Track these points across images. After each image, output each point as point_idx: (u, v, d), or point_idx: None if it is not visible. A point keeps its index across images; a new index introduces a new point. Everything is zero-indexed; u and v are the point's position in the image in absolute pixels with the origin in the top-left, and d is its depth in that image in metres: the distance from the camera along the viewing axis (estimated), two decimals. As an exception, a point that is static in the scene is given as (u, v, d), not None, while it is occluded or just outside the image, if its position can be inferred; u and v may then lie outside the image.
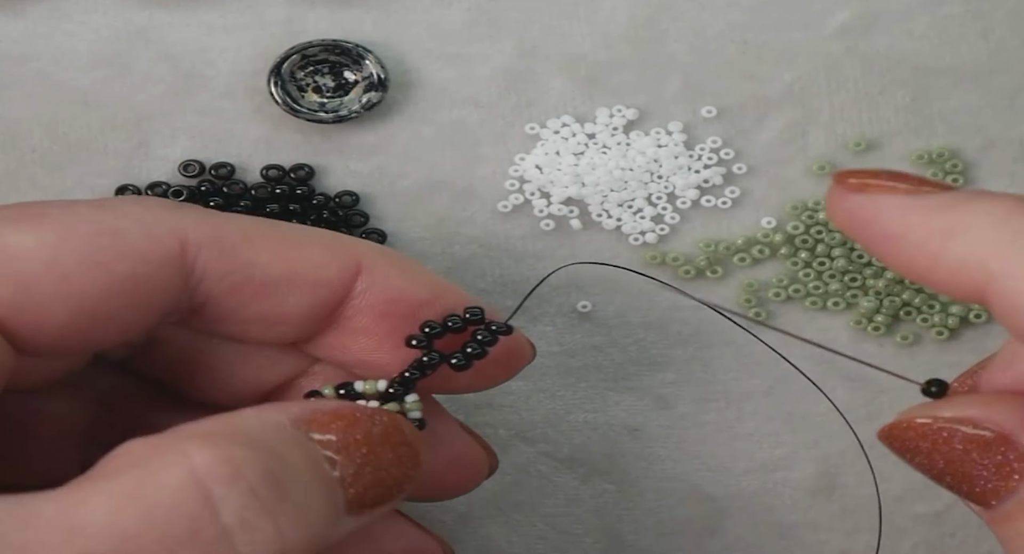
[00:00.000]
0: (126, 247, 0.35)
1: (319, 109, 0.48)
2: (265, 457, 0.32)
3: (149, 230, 0.36)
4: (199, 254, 0.36)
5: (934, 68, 0.49)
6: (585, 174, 0.49)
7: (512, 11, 0.49)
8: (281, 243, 0.37)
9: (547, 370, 0.48)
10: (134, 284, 0.35)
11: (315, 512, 0.32)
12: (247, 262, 0.37)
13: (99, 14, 0.49)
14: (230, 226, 0.37)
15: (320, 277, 0.37)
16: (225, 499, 0.31)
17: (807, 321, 0.49)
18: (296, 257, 0.37)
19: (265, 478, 0.31)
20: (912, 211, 0.35)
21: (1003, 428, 0.34)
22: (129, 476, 0.31)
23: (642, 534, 0.48)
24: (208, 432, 0.32)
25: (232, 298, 0.37)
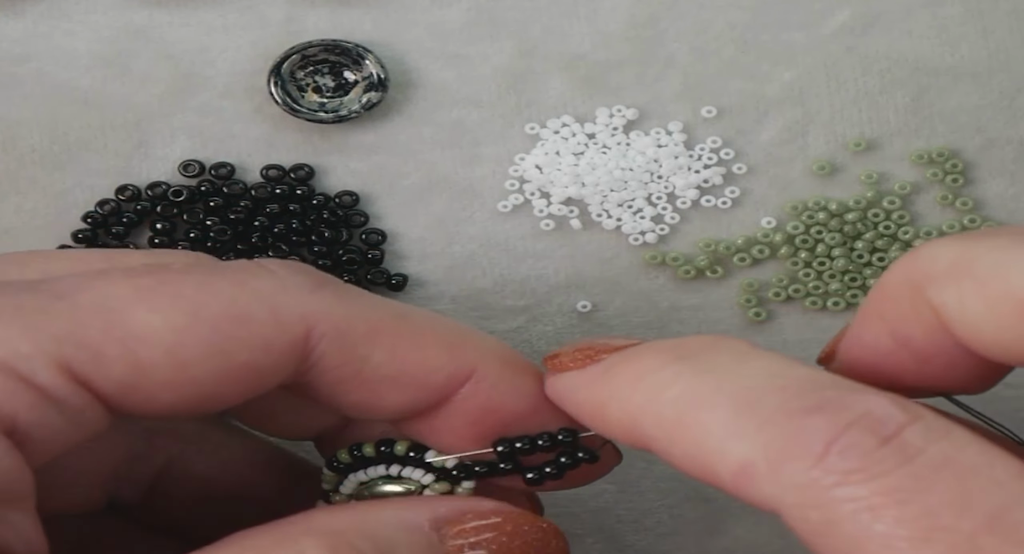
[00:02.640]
0: (251, 335, 0.34)
1: (319, 109, 0.48)
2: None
3: (278, 316, 0.35)
4: (320, 342, 0.35)
5: (934, 68, 0.49)
6: (585, 174, 0.49)
7: (512, 11, 0.49)
8: (401, 342, 0.36)
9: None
10: (250, 372, 0.34)
11: None
12: (361, 357, 0.36)
13: (99, 14, 0.49)
14: (360, 317, 0.36)
15: (429, 380, 0.36)
16: None
17: (807, 321, 0.49)
18: (411, 359, 0.36)
19: None
20: (579, 388, 0.36)
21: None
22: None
23: (642, 534, 0.48)
24: (330, 527, 0.33)
25: (335, 387, 0.36)
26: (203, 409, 0.35)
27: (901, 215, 0.49)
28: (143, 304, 0.33)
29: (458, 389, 0.37)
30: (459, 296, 0.49)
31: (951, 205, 0.49)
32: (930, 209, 0.49)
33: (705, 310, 0.49)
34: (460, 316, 0.48)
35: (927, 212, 0.49)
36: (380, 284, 0.48)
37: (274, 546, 0.32)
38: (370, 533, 0.33)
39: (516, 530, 0.35)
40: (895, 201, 0.49)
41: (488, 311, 0.48)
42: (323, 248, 0.48)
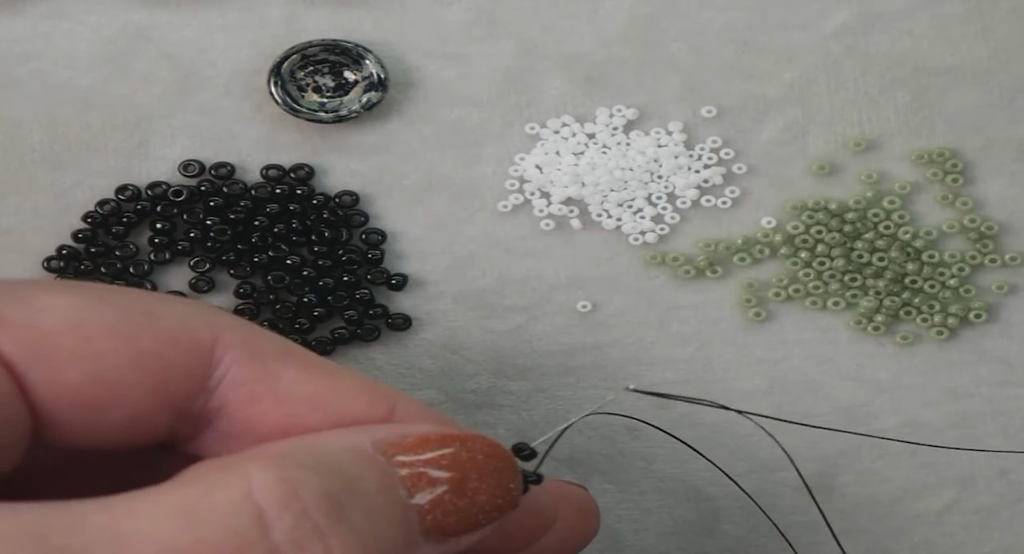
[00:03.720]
0: (158, 327, 0.35)
1: (319, 109, 0.48)
2: (327, 479, 0.31)
3: (185, 319, 0.35)
4: (227, 354, 0.35)
5: (934, 68, 0.49)
6: (585, 174, 0.49)
7: (512, 11, 0.49)
8: (314, 367, 0.36)
9: (547, 370, 0.48)
10: (156, 363, 0.34)
11: (378, 536, 0.32)
12: (273, 374, 0.35)
13: (99, 14, 0.49)
14: (266, 339, 0.36)
15: (348, 406, 0.36)
16: (277, 519, 0.31)
17: (807, 321, 0.49)
18: (327, 382, 0.36)
19: (321, 500, 0.31)
20: None
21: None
22: (185, 491, 0.31)
23: (642, 534, 0.48)
24: (276, 454, 0.32)
25: (249, 408, 0.36)
26: (117, 415, 0.34)
27: (901, 215, 0.49)
28: (44, 290, 0.34)
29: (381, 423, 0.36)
30: (459, 296, 0.49)
31: (951, 205, 0.49)
32: (930, 209, 0.49)
33: (705, 310, 0.49)
34: (460, 316, 0.48)
35: (927, 212, 0.49)
36: (380, 284, 0.48)
37: (220, 472, 0.31)
38: (316, 454, 0.32)
39: (462, 449, 0.34)
40: (895, 201, 0.49)
41: (488, 311, 0.49)
42: (323, 248, 0.48)
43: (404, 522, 0.33)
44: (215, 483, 0.31)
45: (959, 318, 0.49)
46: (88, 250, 0.48)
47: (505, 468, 0.35)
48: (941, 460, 0.49)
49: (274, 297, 0.48)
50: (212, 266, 0.48)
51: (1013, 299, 0.49)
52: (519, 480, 0.35)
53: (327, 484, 0.31)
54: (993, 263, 0.49)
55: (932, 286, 0.49)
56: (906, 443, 0.48)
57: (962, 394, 0.49)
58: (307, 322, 0.48)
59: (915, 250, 0.49)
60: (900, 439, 0.48)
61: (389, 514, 0.33)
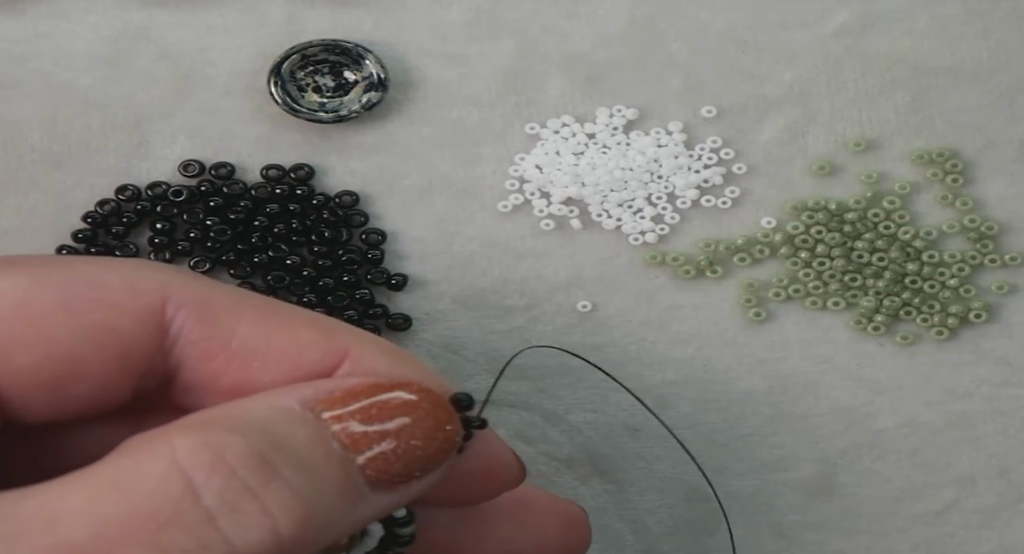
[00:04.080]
0: (104, 296, 0.34)
1: (319, 109, 0.48)
2: (253, 440, 0.32)
3: (132, 283, 0.35)
4: (178, 313, 0.35)
5: (934, 68, 0.49)
6: (585, 174, 0.49)
7: (512, 11, 0.49)
8: (267, 318, 0.36)
9: (547, 370, 0.48)
10: (108, 334, 0.34)
11: (317, 490, 0.32)
12: (225, 329, 0.35)
13: (99, 14, 0.49)
14: (217, 293, 0.36)
15: (301, 358, 0.36)
16: (205, 483, 0.31)
17: (807, 321, 0.49)
18: (280, 334, 0.36)
19: (249, 460, 0.31)
20: None
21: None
22: (113, 466, 0.31)
23: (642, 534, 0.48)
24: (200, 420, 0.32)
25: (205, 366, 0.36)
26: (78, 391, 0.34)
27: (901, 215, 0.49)
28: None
29: (334, 369, 0.36)
30: (459, 296, 0.49)
31: (951, 205, 0.49)
32: (930, 209, 0.49)
33: (705, 310, 0.49)
34: (460, 316, 0.48)
35: (927, 212, 0.49)
36: (380, 284, 0.48)
37: (146, 444, 0.31)
38: (242, 417, 0.32)
39: (392, 397, 0.34)
40: (895, 201, 0.49)
41: (488, 311, 0.48)
42: (323, 248, 0.48)
43: (343, 475, 0.33)
44: (143, 455, 0.31)
45: (959, 318, 0.49)
46: (88, 250, 0.48)
47: (439, 412, 0.34)
48: (941, 460, 0.49)
49: (274, 297, 0.48)
50: (212, 266, 0.48)
51: (1013, 299, 0.49)
52: (457, 423, 0.35)
53: (253, 444, 0.32)
54: (993, 263, 0.49)
55: (932, 286, 0.49)
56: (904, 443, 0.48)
57: (962, 394, 0.49)
58: (307, 322, 0.48)
59: (915, 250, 0.49)
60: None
61: (325, 468, 0.32)
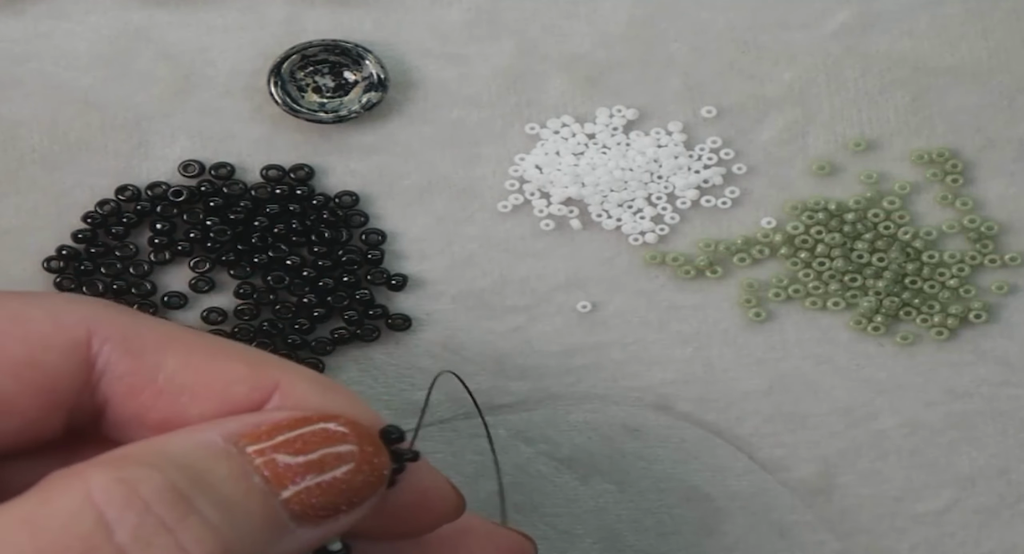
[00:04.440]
0: (28, 331, 0.34)
1: (319, 109, 0.48)
2: (170, 474, 0.31)
3: (56, 317, 0.35)
4: (104, 347, 0.35)
5: (934, 68, 0.49)
6: (585, 174, 0.49)
7: (512, 11, 0.49)
8: (195, 352, 0.36)
9: (547, 370, 0.48)
10: (32, 369, 0.34)
11: (234, 525, 0.32)
12: (152, 364, 0.35)
13: (99, 14, 0.49)
14: (145, 326, 0.36)
15: (229, 392, 0.35)
16: (119, 519, 0.31)
17: (807, 321, 0.49)
18: (207, 368, 0.35)
19: (164, 495, 0.31)
20: None
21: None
22: (26, 502, 0.31)
23: (642, 534, 0.48)
24: (118, 456, 0.32)
25: (132, 400, 0.35)
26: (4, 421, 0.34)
27: (901, 215, 0.49)
28: None
29: (262, 405, 0.36)
30: (459, 296, 0.49)
31: (951, 205, 0.49)
32: (930, 209, 0.49)
33: (705, 310, 0.49)
34: (460, 316, 0.48)
35: (927, 212, 0.49)
36: (380, 284, 0.48)
37: (62, 480, 0.31)
38: (161, 452, 0.32)
39: (318, 434, 0.34)
40: (895, 201, 0.49)
41: (488, 311, 0.48)
42: (323, 248, 0.48)
43: (264, 510, 0.32)
44: (57, 491, 0.31)
45: (959, 318, 0.49)
46: (88, 250, 0.48)
47: (366, 445, 0.34)
48: (941, 460, 0.49)
49: (274, 297, 0.48)
50: (212, 266, 0.48)
51: (1013, 299, 0.49)
52: (385, 456, 0.34)
53: (170, 479, 0.31)
54: (993, 263, 0.49)
55: (932, 286, 0.49)
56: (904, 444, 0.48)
57: (962, 394, 0.49)
58: (307, 322, 0.48)
59: (915, 250, 0.49)
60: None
61: (245, 503, 0.32)
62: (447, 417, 0.48)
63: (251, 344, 0.47)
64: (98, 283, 0.48)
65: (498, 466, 0.41)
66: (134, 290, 0.48)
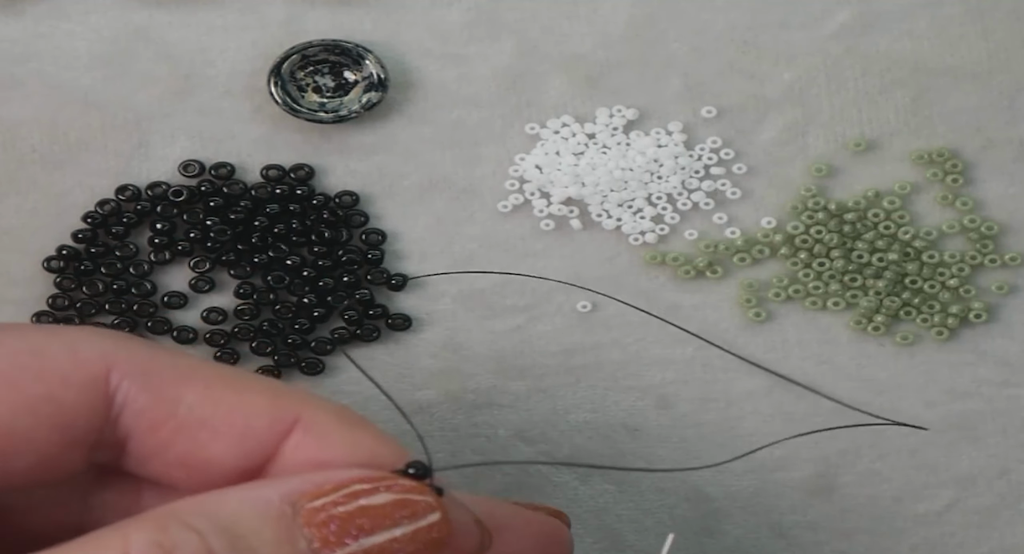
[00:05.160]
0: (47, 368, 0.34)
1: (319, 109, 0.48)
2: (212, 538, 0.31)
3: (75, 351, 0.34)
4: (123, 382, 0.34)
5: (934, 68, 0.49)
6: (585, 174, 0.49)
7: (512, 11, 0.49)
8: (215, 385, 0.35)
9: (547, 370, 0.48)
10: (49, 406, 0.34)
11: None
12: (172, 399, 0.35)
13: (99, 14, 0.49)
14: (163, 360, 0.35)
15: (249, 426, 0.35)
16: None
17: (807, 321, 0.49)
18: (227, 401, 0.35)
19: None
20: None
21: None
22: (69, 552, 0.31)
23: (642, 534, 0.48)
24: (163, 514, 0.32)
25: (153, 435, 0.35)
26: (22, 464, 0.34)
27: (901, 215, 0.49)
28: None
29: (285, 438, 0.35)
30: (459, 296, 0.49)
31: (951, 205, 0.49)
32: (930, 209, 0.49)
33: (705, 310, 0.49)
34: (460, 316, 0.48)
35: (927, 212, 0.49)
36: (380, 284, 0.48)
37: (104, 537, 0.31)
38: (208, 511, 0.32)
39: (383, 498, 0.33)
40: (895, 201, 0.49)
41: (488, 311, 0.48)
42: (323, 248, 0.48)
43: None
44: (98, 546, 0.31)
45: (959, 318, 0.49)
46: (88, 250, 0.48)
47: (424, 511, 0.33)
48: (941, 460, 0.49)
49: (274, 297, 0.48)
50: (212, 266, 0.48)
51: (1013, 299, 0.49)
52: (447, 520, 0.33)
53: (207, 544, 0.31)
54: (993, 263, 0.49)
55: (932, 286, 0.49)
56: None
57: (962, 394, 0.49)
58: (307, 322, 0.48)
59: (915, 250, 0.49)
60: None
61: None
62: (462, 463, 0.47)
63: (251, 344, 0.48)
64: (98, 283, 0.48)
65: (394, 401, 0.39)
66: (134, 290, 0.48)
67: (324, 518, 0.32)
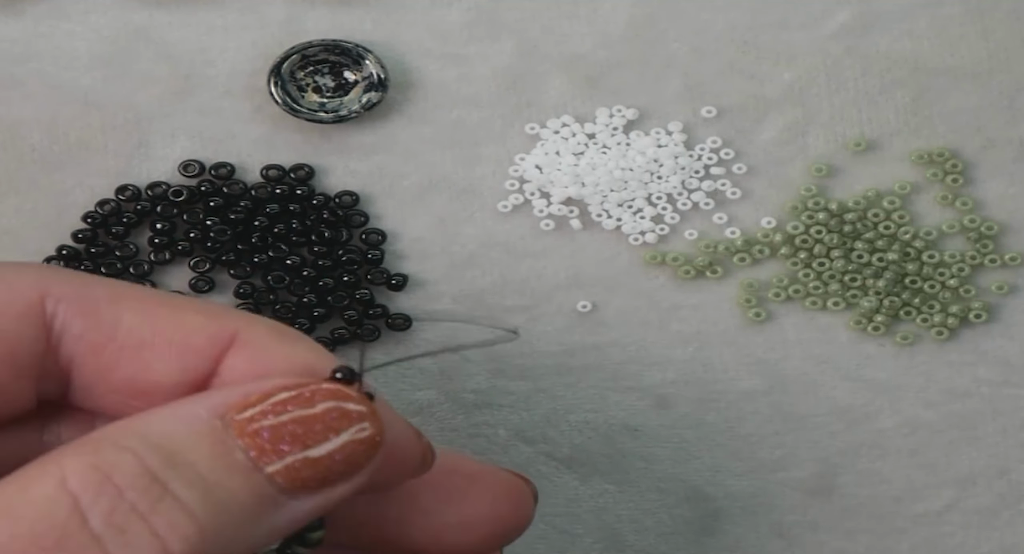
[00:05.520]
0: None
1: (319, 109, 0.48)
2: (145, 457, 0.31)
3: (6, 281, 0.34)
4: (58, 308, 0.35)
5: (934, 68, 0.49)
6: (585, 174, 0.49)
7: (512, 11, 0.49)
8: (151, 306, 0.35)
9: (547, 370, 0.48)
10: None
11: (215, 506, 0.31)
12: (110, 321, 0.35)
13: (99, 14, 0.49)
14: (97, 285, 0.35)
15: (189, 342, 0.35)
16: (93, 506, 0.30)
17: (807, 321, 0.49)
18: (164, 321, 0.35)
19: (137, 480, 0.31)
20: None
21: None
22: (5, 488, 0.31)
23: (642, 534, 0.48)
24: (95, 438, 0.32)
25: (94, 360, 0.35)
26: None
27: (901, 215, 0.49)
28: None
29: (224, 352, 0.35)
30: (459, 296, 0.49)
31: (951, 205, 0.49)
32: (930, 209, 0.49)
33: (705, 310, 0.49)
34: (460, 316, 0.48)
35: (927, 212, 0.49)
36: (380, 284, 0.48)
37: (38, 466, 0.31)
38: (140, 431, 0.31)
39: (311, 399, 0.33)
40: (895, 201, 0.49)
41: (488, 311, 0.48)
42: (323, 248, 0.48)
43: (248, 485, 0.32)
44: (33, 479, 0.31)
45: (959, 318, 0.49)
46: (88, 250, 0.48)
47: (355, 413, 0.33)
48: (941, 460, 0.49)
49: (274, 297, 0.48)
50: (212, 266, 0.48)
51: (1013, 299, 0.49)
52: (379, 422, 0.33)
53: (144, 462, 0.31)
54: (993, 263, 0.49)
55: (932, 286, 0.49)
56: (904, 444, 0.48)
57: (962, 394, 0.49)
58: (307, 322, 0.48)
59: (915, 250, 0.49)
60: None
61: (226, 481, 0.31)
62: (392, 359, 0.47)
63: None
64: None
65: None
66: (134, 290, 0.48)
67: (255, 428, 0.32)
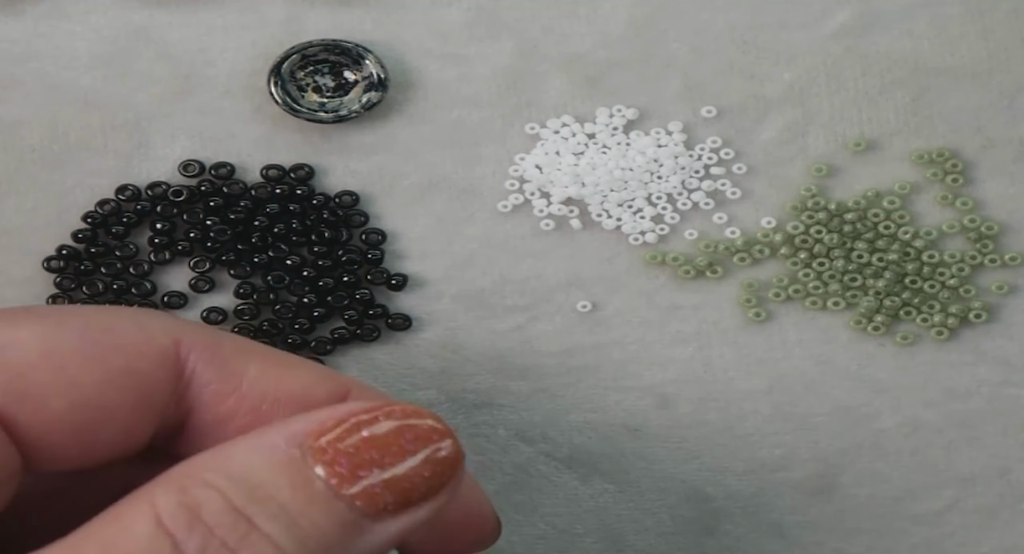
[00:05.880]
0: (120, 342, 0.35)
1: (319, 109, 0.48)
2: (230, 493, 0.32)
3: (145, 328, 0.36)
4: (190, 356, 0.36)
5: (934, 68, 0.49)
6: (585, 174, 0.49)
7: (512, 11, 0.49)
8: (273, 361, 0.37)
9: (547, 370, 0.48)
10: (130, 378, 0.35)
11: (300, 537, 0.32)
12: (235, 372, 0.36)
13: (99, 14, 0.49)
14: (225, 337, 0.37)
15: (308, 397, 0.37)
16: (186, 543, 0.31)
17: (807, 321, 0.49)
18: (286, 376, 0.37)
19: (225, 516, 0.31)
20: None
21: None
22: (103, 531, 0.31)
23: (642, 534, 0.48)
24: (179, 474, 0.32)
25: (217, 407, 0.36)
26: (105, 437, 0.35)
27: (901, 215, 0.49)
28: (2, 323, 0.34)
29: None
30: (459, 296, 0.49)
31: (951, 205, 0.49)
32: (930, 209, 0.49)
33: (705, 310, 0.49)
34: (460, 316, 0.48)
35: (927, 212, 0.49)
36: (380, 284, 0.48)
37: (133, 505, 0.31)
38: (221, 466, 0.32)
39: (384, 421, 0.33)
40: (895, 201, 0.49)
41: (488, 311, 0.49)
42: (323, 248, 0.48)
43: (329, 513, 0.32)
44: (129, 516, 0.31)
45: (959, 318, 0.49)
46: (88, 250, 0.48)
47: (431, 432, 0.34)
48: (941, 460, 0.49)
49: (274, 297, 0.48)
50: (212, 266, 0.48)
51: (1013, 299, 0.49)
52: (457, 445, 0.34)
53: (230, 498, 0.32)
54: (993, 263, 0.49)
55: (932, 286, 0.49)
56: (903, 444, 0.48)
57: (962, 394, 0.49)
58: (307, 322, 0.48)
59: (915, 250, 0.49)
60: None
61: (308, 511, 0.32)
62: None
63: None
64: (98, 283, 0.48)
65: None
66: (134, 290, 0.48)
67: (332, 455, 0.32)
